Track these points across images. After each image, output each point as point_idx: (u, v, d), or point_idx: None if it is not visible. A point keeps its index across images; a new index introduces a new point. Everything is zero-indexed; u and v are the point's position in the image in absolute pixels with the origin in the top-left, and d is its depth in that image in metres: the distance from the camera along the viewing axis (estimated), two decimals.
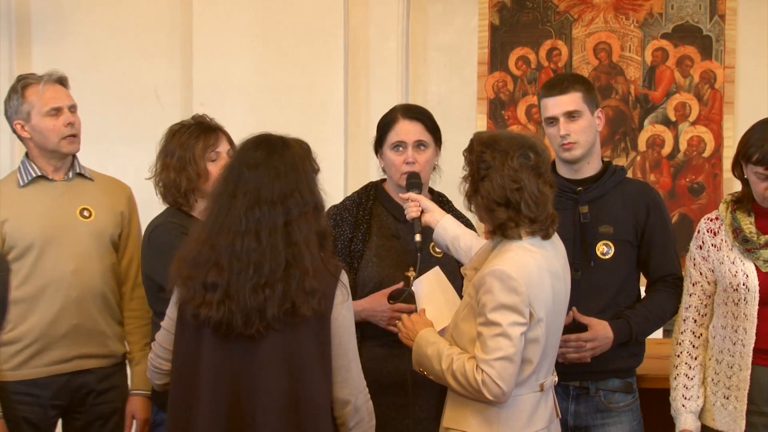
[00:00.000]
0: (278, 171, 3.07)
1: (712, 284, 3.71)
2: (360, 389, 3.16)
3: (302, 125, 5.77)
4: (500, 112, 6.08)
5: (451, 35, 6.20)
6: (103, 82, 6.10)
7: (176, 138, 3.88)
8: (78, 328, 4.02)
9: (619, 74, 5.99)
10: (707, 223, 3.73)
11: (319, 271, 3.06)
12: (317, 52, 6.06)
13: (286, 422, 3.04)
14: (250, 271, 3.01)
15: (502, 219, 3.24)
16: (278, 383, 3.04)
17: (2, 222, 4.00)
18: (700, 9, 5.89)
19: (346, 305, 3.13)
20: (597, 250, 3.84)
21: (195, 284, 3.05)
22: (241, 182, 3.07)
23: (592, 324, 3.74)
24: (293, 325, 3.04)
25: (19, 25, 6.21)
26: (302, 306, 3.02)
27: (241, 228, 3.03)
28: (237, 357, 3.06)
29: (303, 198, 3.07)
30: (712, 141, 5.91)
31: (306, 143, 3.23)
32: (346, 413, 3.13)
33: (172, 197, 3.87)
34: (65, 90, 4.11)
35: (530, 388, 3.26)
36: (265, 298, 3.00)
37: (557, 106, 3.83)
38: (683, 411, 3.71)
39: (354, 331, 3.17)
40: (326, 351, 3.09)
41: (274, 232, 3.03)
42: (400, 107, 3.99)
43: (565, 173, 3.90)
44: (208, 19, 6.09)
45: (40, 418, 4.01)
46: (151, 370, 3.34)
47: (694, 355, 3.73)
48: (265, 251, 3.02)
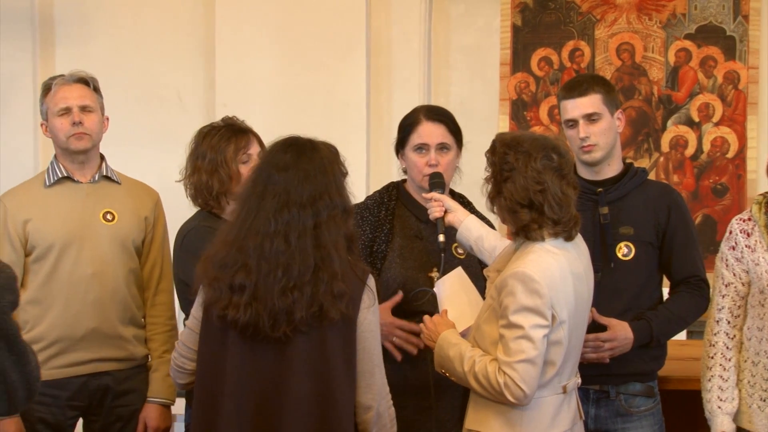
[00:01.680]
0: (307, 173, 3.06)
1: (746, 285, 3.67)
2: (383, 395, 3.15)
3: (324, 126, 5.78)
4: (522, 113, 6.07)
5: (473, 36, 6.21)
6: (126, 83, 6.13)
7: (207, 140, 3.87)
8: (96, 332, 4.01)
9: (642, 75, 5.97)
10: (740, 223, 3.69)
11: (347, 275, 3.05)
12: (339, 53, 6.07)
13: (312, 426, 3.02)
14: (278, 273, 3.00)
15: (525, 221, 3.23)
16: (304, 386, 3.03)
17: (25, 222, 4.00)
18: (724, 9, 5.87)
19: (372, 310, 3.11)
20: (617, 252, 3.82)
21: (222, 286, 3.04)
22: (270, 184, 3.06)
23: (612, 324, 3.72)
24: (320, 328, 3.03)
25: (42, 28, 6.25)
26: (330, 309, 3.00)
27: (270, 230, 3.02)
28: (263, 359, 3.05)
29: (332, 201, 3.06)
30: (735, 142, 5.89)
31: (334, 146, 3.22)
32: (368, 418, 3.12)
33: (203, 199, 3.87)
34: (80, 90, 4.07)
35: (553, 390, 3.25)
36: (293, 300, 2.99)
37: (576, 109, 3.82)
38: (719, 412, 3.66)
39: (379, 336, 3.16)
40: (351, 355, 3.08)
41: (303, 234, 3.02)
42: (422, 108, 3.97)
43: (585, 175, 3.89)
44: (231, 21, 6.11)
45: (57, 419, 4.00)
46: (174, 370, 3.32)
47: (728, 356, 3.69)
48: (294, 253, 3.01)
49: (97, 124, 4.08)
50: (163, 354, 4.11)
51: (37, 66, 6.21)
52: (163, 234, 4.22)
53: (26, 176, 4.34)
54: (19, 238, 3.99)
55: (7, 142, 6.23)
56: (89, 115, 4.05)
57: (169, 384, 4.08)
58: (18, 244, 3.98)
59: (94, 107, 4.07)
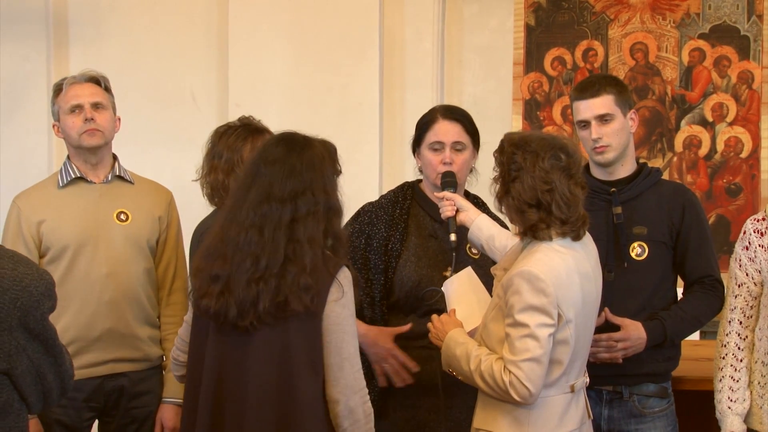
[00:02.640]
0: (293, 169, 3.09)
1: (758, 285, 3.66)
2: (354, 389, 3.11)
3: (337, 126, 5.83)
4: (536, 113, 6.07)
5: (486, 36, 6.20)
6: (140, 83, 6.15)
7: (223, 140, 3.90)
8: (111, 332, 4.02)
9: (656, 75, 5.96)
10: (754, 223, 3.68)
11: (317, 269, 3.06)
12: (353, 53, 6.07)
13: (272, 416, 3.04)
14: (248, 263, 3.04)
15: (533, 220, 3.23)
16: (267, 377, 3.05)
17: (39, 223, 4.01)
18: (738, 9, 5.85)
19: (341, 303, 3.10)
20: (631, 251, 3.81)
21: (204, 275, 3.10)
22: (257, 177, 3.10)
23: (625, 324, 3.71)
24: (284, 319, 3.05)
25: (56, 28, 6.27)
26: (293, 301, 3.02)
27: (248, 222, 3.06)
28: (231, 348, 3.09)
29: (315, 197, 3.08)
30: (749, 142, 5.88)
31: (332, 144, 3.24)
32: (337, 412, 3.10)
33: (219, 199, 3.88)
34: (92, 88, 4.09)
35: (561, 389, 3.25)
36: (258, 291, 3.02)
37: (589, 110, 3.81)
38: (729, 413, 3.66)
39: (353, 330, 3.14)
40: (316, 348, 3.07)
41: (278, 228, 3.05)
42: (440, 107, 3.99)
43: (599, 175, 3.88)
44: (244, 20, 6.12)
45: (73, 421, 4.01)
46: (172, 363, 3.38)
47: (740, 357, 3.68)
48: (266, 245, 3.04)
49: (110, 122, 4.09)
50: None
51: (51, 66, 6.23)
52: (177, 233, 4.23)
53: (41, 177, 4.35)
54: (33, 240, 4.00)
55: (21, 143, 6.26)
56: (101, 113, 4.06)
57: None
58: (32, 245, 4.00)
59: (106, 105, 4.08)
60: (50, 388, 2.87)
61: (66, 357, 2.91)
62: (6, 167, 6.23)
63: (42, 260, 4.01)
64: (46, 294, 2.80)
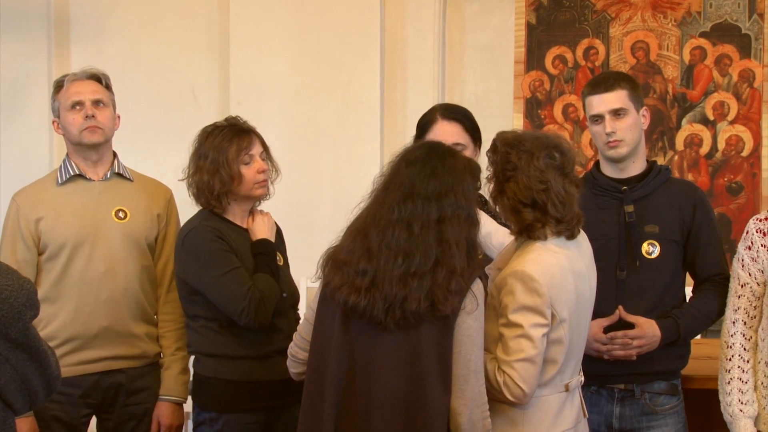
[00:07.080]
0: (435, 170, 3.06)
1: (761, 285, 3.65)
2: (478, 403, 3.08)
3: (338, 124, 5.83)
4: (537, 112, 6.07)
5: (487, 34, 6.21)
6: (141, 82, 6.16)
7: (210, 140, 3.86)
8: (109, 330, 4.02)
9: (657, 73, 5.96)
10: (756, 223, 3.67)
11: (464, 275, 3.03)
12: (354, 51, 6.08)
13: (401, 422, 3.03)
14: (399, 259, 3.00)
15: (529, 220, 3.21)
16: (396, 381, 3.02)
17: (38, 220, 4.01)
18: (739, 8, 5.85)
19: (473, 316, 3.06)
20: (642, 250, 3.80)
21: (349, 270, 3.05)
22: (397, 176, 3.08)
23: (639, 322, 3.71)
24: (423, 323, 3.01)
25: (57, 26, 6.28)
26: (441, 304, 2.99)
27: (394, 217, 3.02)
28: (362, 344, 3.06)
29: (457, 201, 3.05)
30: (750, 140, 5.88)
31: (477, 164, 3.21)
32: (459, 424, 3.06)
33: (205, 199, 3.86)
34: (93, 85, 4.09)
35: (555, 388, 3.24)
36: (410, 289, 2.99)
37: (603, 104, 3.81)
38: (741, 416, 3.62)
39: (482, 343, 3.10)
40: (446, 357, 3.04)
41: (427, 226, 3.01)
42: (439, 107, 3.98)
43: (610, 172, 3.88)
44: (246, 19, 6.12)
45: (70, 417, 4.01)
46: (289, 360, 3.32)
47: (746, 358, 3.66)
48: (417, 242, 3.00)
49: (110, 119, 4.09)
50: (175, 351, 4.13)
51: (53, 65, 6.24)
52: (176, 231, 4.21)
53: (42, 175, 4.35)
54: (32, 237, 4.01)
55: (22, 141, 6.27)
56: (102, 110, 4.06)
57: (182, 382, 4.11)
58: (31, 242, 4.00)
59: (107, 102, 4.09)
60: (36, 391, 2.83)
61: (51, 359, 2.86)
62: (7, 165, 6.24)
63: (40, 257, 4.02)
64: (27, 304, 2.73)
